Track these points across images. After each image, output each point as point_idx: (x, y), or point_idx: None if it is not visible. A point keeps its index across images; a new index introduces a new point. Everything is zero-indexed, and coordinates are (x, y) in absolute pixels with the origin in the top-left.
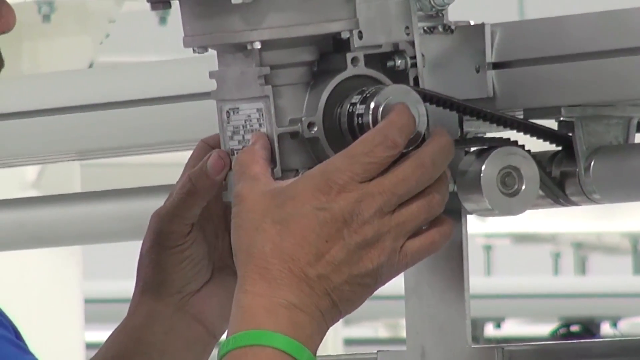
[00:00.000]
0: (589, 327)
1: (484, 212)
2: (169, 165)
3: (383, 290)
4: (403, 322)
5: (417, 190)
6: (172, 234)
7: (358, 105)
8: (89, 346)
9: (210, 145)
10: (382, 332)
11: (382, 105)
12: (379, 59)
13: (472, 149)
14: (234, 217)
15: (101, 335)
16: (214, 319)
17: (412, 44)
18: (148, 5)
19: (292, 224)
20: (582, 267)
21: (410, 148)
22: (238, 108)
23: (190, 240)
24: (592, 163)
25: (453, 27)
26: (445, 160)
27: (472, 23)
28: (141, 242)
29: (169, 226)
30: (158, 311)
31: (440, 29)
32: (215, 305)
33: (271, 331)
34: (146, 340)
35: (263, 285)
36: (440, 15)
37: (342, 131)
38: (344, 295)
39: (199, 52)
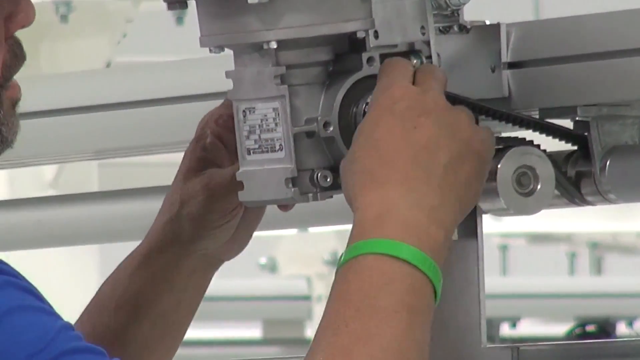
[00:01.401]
0: (605, 327)
1: (500, 212)
2: None
3: None
4: None
5: None
6: (220, 211)
7: None
8: None
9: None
10: None
11: None
12: None
13: None
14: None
15: None
16: (231, 255)
17: (428, 43)
18: (165, 5)
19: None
20: (598, 267)
21: None
22: (254, 108)
23: (232, 214)
24: (608, 163)
25: (469, 27)
26: None
27: (487, 23)
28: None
29: (222, 204)
30: (184, 257)
31: (456, 28)
32: (235, 250)
33: (379, 239)
34: (173, 281)
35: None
36: (456, 15)
37: None
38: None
39: (215, 52)
